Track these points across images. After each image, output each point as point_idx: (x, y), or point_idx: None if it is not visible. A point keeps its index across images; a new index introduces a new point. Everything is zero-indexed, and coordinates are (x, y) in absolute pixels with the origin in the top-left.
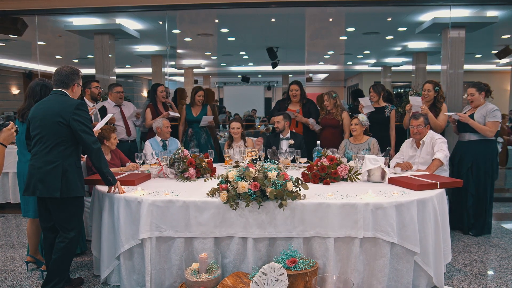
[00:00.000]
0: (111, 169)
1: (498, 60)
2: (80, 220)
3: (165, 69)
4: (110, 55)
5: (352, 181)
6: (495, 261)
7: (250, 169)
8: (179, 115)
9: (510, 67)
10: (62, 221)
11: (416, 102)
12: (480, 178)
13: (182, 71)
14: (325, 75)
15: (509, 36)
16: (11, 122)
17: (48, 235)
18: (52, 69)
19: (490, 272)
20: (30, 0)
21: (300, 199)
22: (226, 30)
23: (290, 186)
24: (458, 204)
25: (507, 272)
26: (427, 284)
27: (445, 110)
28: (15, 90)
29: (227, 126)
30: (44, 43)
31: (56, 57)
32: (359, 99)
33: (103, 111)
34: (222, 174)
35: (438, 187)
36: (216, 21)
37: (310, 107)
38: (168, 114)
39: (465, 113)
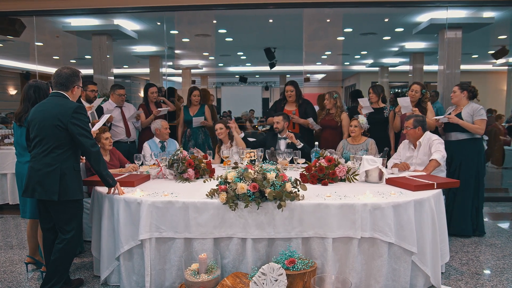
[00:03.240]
0: (110, 170)
1: (494, 61)
2: (79, 222)
3: (163, 70)
4: (107, 56)
5: (350, 182)
6: (491, 261)
7: (249, 170)
8: (169, 108)
9: (506, 67)
10: (61, 222)
11: (405, 103)
12: (469, 177)
13: (180, 71)
14: (323, 75)
15: (505, 36)
16: None
17: (48, 236)
18: (50, 69)
19: (487, 272)
20: (28, 1)
21: (299, 200)
22: (224, 31)
23: (288, 187)
24: (447, 204)
25: (503, 271)
26: (424, 283)
27: (430, 108)
28: (12, 91)
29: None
30: (42, 44)
31: (54, 57)
32: (358, 99)
33: (99, 111)
34: (221, 175)
35: (435, 187)
36: (214, 22)
37: (307, 107)
38: (158, 111)
39: (449, 113)
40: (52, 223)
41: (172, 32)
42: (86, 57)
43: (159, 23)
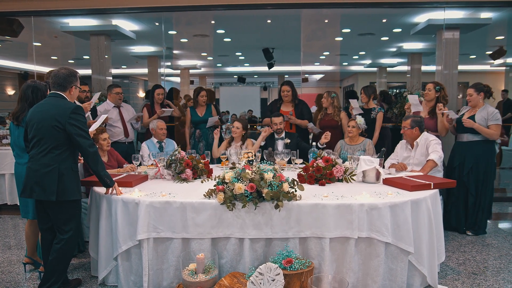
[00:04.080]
0: (108, 171)
1: (492, 61)
2: (77, 222)
3: (161, 70)
4: (106, 56)
5: (348, 182)
6: (488, 260)
7: (247, 170)
8: (172, 109)
9: (504, 68)
10: (60, 222)
11: (414, 101)
12: (479, 179)
13: (178, 71)
14: (321, 75)
15: (503, 37)
16: None
17: (46, 236)
18: (48, 70)
19: (483, 271)
20: (26, 1)
21: (296, 200)
22: (222, 31)
23: (286, 187)
24: (458, 204)
25: (499, 271)
26: (421, 283)
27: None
28: (10, 91)
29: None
30: (40, 44)
31: (52, 58)
32: (350, 100)
33: (94, 112)
34: (219, 176)
35: (432, 187)
36: (212, 22)
37: (303, 108)
38: (162, 112)
39: (463, 114)
40: (50, 223)
41: (170, 32)
42: (85, 57)
43: (157, 24)
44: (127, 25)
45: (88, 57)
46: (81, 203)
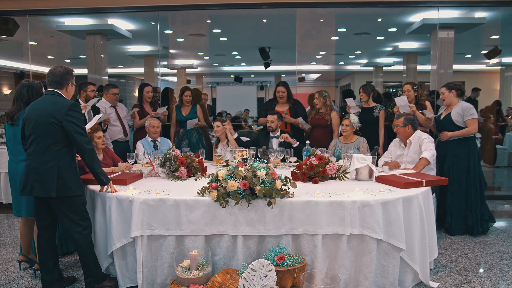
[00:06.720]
0: (103, 169)
1: (487, 61)
2: (84, 215)
3: (158, 69)
4: (102, 55)
5: (341, 180)
6: (480, 257)
7: (240, 168)
8: (165, 110)
9: (499, 67)
10: (66, 218)
11: (402, 102)
12: (462, 177)
13: (175, 71)
14: (318, 75)
15: (497, 36)
16: None
17: (43, 234)
18: (44, 69)
19: (475, 268)
20: (22, 0)
21: (289, 197)
22: (218, 31)
23: (278, 184)
24: (441, 203)
25: (491, 267)
26: (413, 279)
27: (429, 107)
28: (6, 90)
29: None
30: (35, 43)
31: (48, 57)
32: (346, 99)
33: (96, 111)
34: (213, 173)
35: (424, 185)
36: (208, 21)
37: (298, 108)
38: (156, 113)
39: (441, 113)
40: (48, 221)
41: (166, 31)
42: (81, 56)
43: (153, 23)
44: (123, 24)
45: (84, 56)
46: (84, 198)
